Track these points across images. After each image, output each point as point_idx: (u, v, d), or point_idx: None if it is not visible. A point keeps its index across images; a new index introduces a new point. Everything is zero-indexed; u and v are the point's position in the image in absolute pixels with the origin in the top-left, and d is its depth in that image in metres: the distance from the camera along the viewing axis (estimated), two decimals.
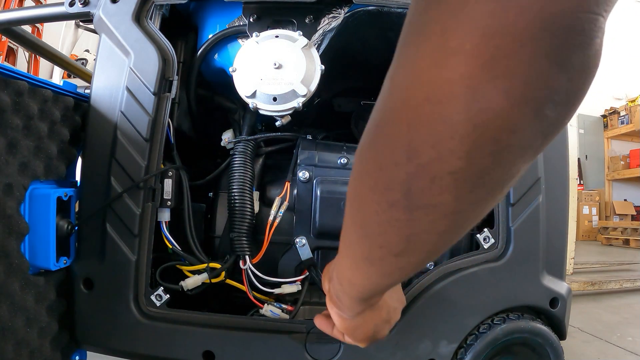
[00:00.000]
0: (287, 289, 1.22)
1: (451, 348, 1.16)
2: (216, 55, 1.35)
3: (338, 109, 1.82)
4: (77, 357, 1.18)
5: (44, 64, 5.89)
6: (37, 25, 5.57)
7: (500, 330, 1.15)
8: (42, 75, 5.89)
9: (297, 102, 1.21)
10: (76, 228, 1.11)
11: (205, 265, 1.19)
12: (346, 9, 1.28)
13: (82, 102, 1.16)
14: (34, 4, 5.39)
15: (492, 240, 1.19)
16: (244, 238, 1.21)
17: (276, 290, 1.22)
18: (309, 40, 1.25)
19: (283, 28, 1.26)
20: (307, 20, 1.29)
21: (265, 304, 1.21)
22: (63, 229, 1.07)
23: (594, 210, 7.94)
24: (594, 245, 7.20)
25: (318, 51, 1.26)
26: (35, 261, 1.01)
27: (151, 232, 1.13)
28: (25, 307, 0.98)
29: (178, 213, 1.23)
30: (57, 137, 1.09)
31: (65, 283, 1.13)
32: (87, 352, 1.20)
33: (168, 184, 1.19)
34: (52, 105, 1.06)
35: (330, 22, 1.28)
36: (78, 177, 1.18)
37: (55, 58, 1.83)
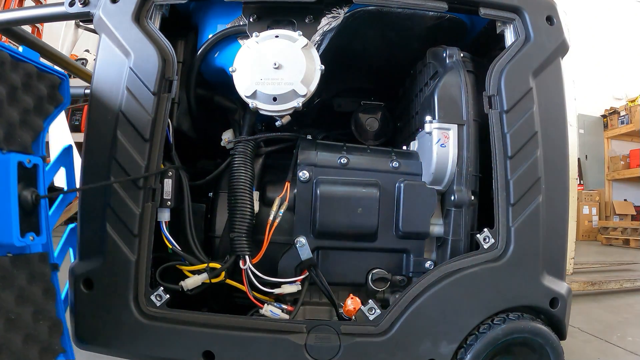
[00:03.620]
0: (287, 289, 1.22)
1: (451, 348, 1.16)
2: (216, 55, 1.35)
3: (338, 109, 1.82)
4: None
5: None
6: (37, 25, 5.57)
7: (501, 330, 1.15)
8: None
9: (297, 102, 1.21)
10: (43, 201, 1.00)
11: (205, 265, 1.19)
12: (346, 9, 1.28)
13: (46, 73, 1.08)
14: (34, 4, 5.38)
15: (492, 240, 1.19)
16: (244, 238, 1.21)
17: (276, 290, 1.22)
18: (309, 40, 1.25)
19: (283, 28, 1.26)
20: (307, 20, 1.29)
21: (265, 304, 1.21)
22: (27, 199, 0.96)
23: (594, 210, 7.93)
24: (594, 245, 7.20)
25: (318, 51, 1.26)
26: None
27: (151, 232, 1.13)
28: None
29: (178, 213, 1.23)
30: (19, 104, 0.99)
31: (39, 269, 1.01)
32: (87, 352, 1.20)
33: (168, 184, 1.20)
34: (11, 69, 0.97)
35: (330, 22, 1.28)
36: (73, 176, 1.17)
37: (55, 58, 1.83)
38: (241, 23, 1.30)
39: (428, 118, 1.28)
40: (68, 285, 1.18)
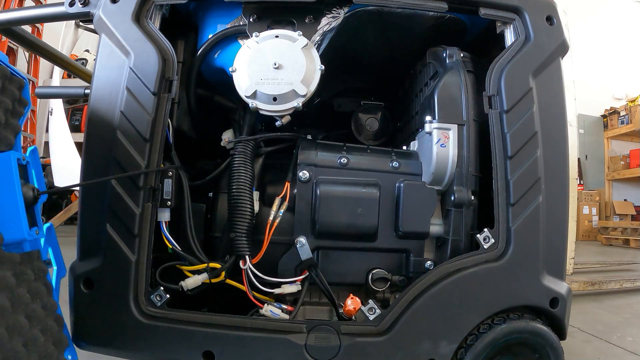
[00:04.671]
0: (287, 289, 1.22)
1: (451, 348, 1.16)
2: (216, 55, 1.35)
3: (338, 109, 1.82)
4: (69, 357, 1.10)
5: (44, 64, 5.88)
6: (37, 25, 5.57)
7: (501, 330, 1.15)
8: (42, 75, 5.89)
9: (297, 102, 1.21)
10: (42, 197, 1.01)
11: (205, 265, 1.19)
12: (346, 9, 1.28)
13: (14, 76, 1.07)
14: (34, 4, 5.38)
15: (492, 240, 1.19)
16: (244, 238, 1.21)
17: (276, 290, 1.22)
18: (309, 40, 1.25)
19: (283, 28, 1.26)
20: (307, 20, 1.29)
21: (265, 304, 1.21)
22: (29, 194, 0.97)
23: (594, 210, 7.94)
24: (594, 245, 7.19)
25: (318, 51, 1.26)
26: (6, 234, 0.92)
27: (151, 232, 1.13)
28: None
29: (178, 213, 1.23)
30: (2, 105, 1.00)
31: (39, 265, 1.03)
32: (87, 352, 1.20)
33: (168, 184, 1.20)
34: None
35: (330, 22, 1.28)
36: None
37: (55, 58, 1.83)
38: (241, 23, 1.30)
39: (428, 118, 1.28)
40: (67, 285, 1.18)
